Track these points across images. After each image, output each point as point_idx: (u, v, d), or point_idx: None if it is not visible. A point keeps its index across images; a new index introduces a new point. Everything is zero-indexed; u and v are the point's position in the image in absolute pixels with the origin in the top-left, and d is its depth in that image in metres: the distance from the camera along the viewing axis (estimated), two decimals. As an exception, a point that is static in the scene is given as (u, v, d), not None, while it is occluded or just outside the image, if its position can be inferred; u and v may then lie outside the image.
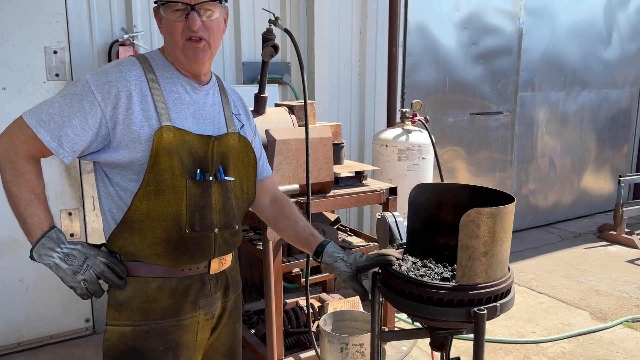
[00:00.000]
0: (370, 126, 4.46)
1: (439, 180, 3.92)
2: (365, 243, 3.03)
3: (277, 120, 2.90)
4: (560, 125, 5.92)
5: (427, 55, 4.73)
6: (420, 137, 3.73)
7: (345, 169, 3.02)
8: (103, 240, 1.59)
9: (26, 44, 3.06)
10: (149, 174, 1.45)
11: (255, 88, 3.75)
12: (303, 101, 3.12)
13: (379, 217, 2.21)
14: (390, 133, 3.77)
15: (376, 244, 3.01)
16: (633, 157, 6.61)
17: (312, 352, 2.87)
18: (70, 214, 3.33)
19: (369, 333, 2.35)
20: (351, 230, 3.28)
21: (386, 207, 2.93)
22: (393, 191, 2.94)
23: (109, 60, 3.29)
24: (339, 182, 2.96)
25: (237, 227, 1.62)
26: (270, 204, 1.85)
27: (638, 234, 5.50)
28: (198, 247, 1.53)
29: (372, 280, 1.80)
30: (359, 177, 3.04)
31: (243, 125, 1.68)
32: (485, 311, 1.49)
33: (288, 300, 3.46)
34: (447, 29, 4.80)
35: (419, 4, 4.57)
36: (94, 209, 3.37)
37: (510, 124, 5.47)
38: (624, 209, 5.29)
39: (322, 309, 3.18)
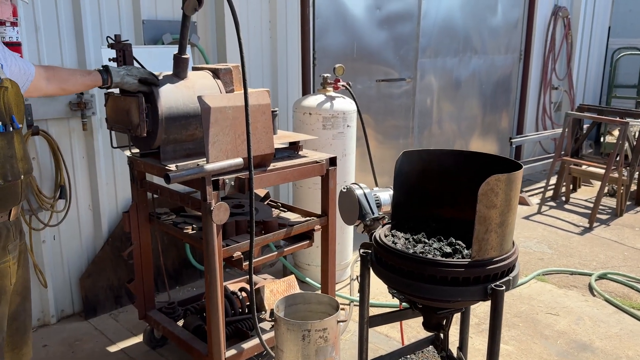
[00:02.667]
0: (284, 93, 4.20)
1: (363, 149, 3.80)
2: (304, 218, 2.82)
3: (202, 86, 2.53)
4: (454, 91, 6.12)
5: (335, 19, 4.54)
6: (344, 104, 3.56)
7: (280, 139, 2.76)
8: None
9: None
10: None
11: (160, 49, 3.32)
12: (226, 64, 2.79)
13: (344, 190, 2.01)
14: (313, 100, 3.54)
15: (315, 218, 2.81)
16: (514, 119, 7.09)
17: (255, 341, 2.62)
18: None
19: (332, 317, 2.17)
20: (283, 206, 3.04)
21: (326, 179, 2.73)
22: (332, 161, 2.75)
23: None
24: (275, 154, 2.69)
25: (33, 173, 1.78)
26: (48, 84, 2.01)
27: (527, 192, 5.93)
28: (10, 196, 1.67)
29: (362, 261, 1.61)
30: (294, 148, 2.79)
31: (1, 65, 1.74)
32: (503, 287, 1.38)
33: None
34: (354, -9, 4.64)
35: (326, -37, 4.34)
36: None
37: (412, 91, 5.52)
38: (514, 169, 5.63)
39: (257, 292, 2.93)
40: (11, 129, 1.64)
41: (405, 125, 5.54)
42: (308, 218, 2.81)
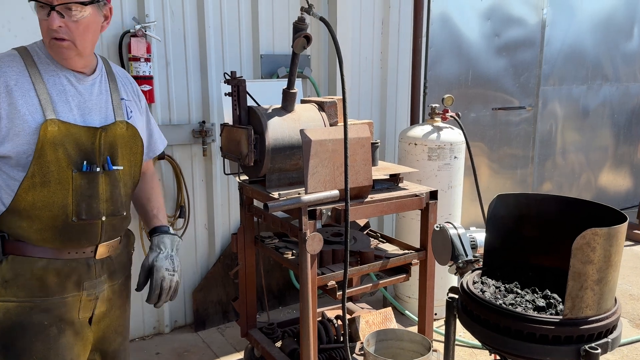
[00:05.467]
0: (392, 123, 4.22)
1: (471, 181, 3.68)
2: (401, 251, 2.79)
3: (307, 119, 2.64)
4: (581, 120, 5.70)
5: (449, 47, 4.48)
6: (452, 134, 3.48)
7: (380, 171, 2.78)
8: None
9: (29, 35, 2.77)
10: (34, 166, 1.53)
11: (274, 83, 3.51)
12: (331, 97, 2.88)
13: (438, 228, 1.97)
14: (420, 130, 3.52)
15: (413, 251, 2.77)
16: (653, 152, 6.42)
17: (347, 371, 2.63)
18: (77, 220, 3.07)
19: (422, 359, 2.12)
20: (383, 236, 3.04)
21: (426, 212, 2.69)
22: (433, 195, 2.70)
23: (120, 53, 3.02)
24: (374, 185, 2.71)
25: (124, 214, 1.72)
26: (142, 179, 1.93)
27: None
28: (85, 234, 1.63)
29: (447, 308, 1.57)
30: (394, 180, 2.79)
31: (132, 112, 1.74)
32: (599, 350, 1.26)
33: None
34: (471, 19, 4.55)
35: (442, -7, 4.32)
36: None
37: (532, 119, 5.24)
38: (650, 207, 5.09)
39: (352, 322, 2.94)
40: (97, 169, 1.59)
41: (524, 154, 5.27)
42: (406, 251, 2.78)
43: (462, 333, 3.26)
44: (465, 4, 4.49)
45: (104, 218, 1.63)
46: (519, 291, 1.49)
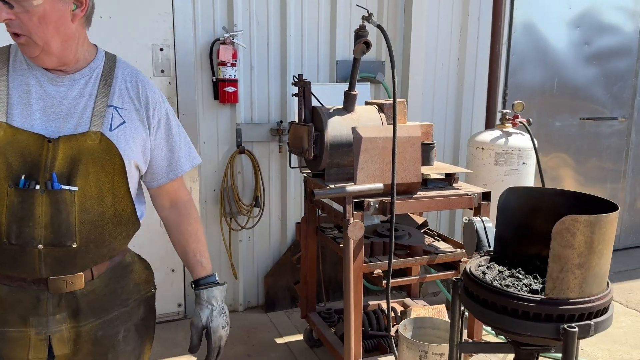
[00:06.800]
0: (467, 128, 4.28)
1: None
2: (452, 249, 2.90)
3: (366, 119, 2.86)
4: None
5: (533, 55, 4.44)
6: (521, 140, 3.50)
7: (435, 170, 2.91)
8: None
9: (133, 42, 3.28)
10: None
11: (343, 86, 3.76)
12: (398, 100, 3.06)
13: (466, 221, 2.10)
14: (488, 135, 3.57)
15: (463, 250, 2.86)
16: None
17: (391, 357, 2.79)
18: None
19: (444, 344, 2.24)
20: (439, 235, 3.15)
21: (477, 212, 2.78)
22: (486, 196, 2.78)
23: (210, 58, 3.44)
24: (427, 183, 2.85)
25: (73, 246, 1.35)
26: (169, 210, 1.65)
27: None
28: (18, 262, 1.34)
29: (453, 288, 1.71)
30: (449, 180, 2.91)
31: (123, 123, 1.42)
32: (576, 329, 1.35)
33: (371, 302, 3.41)
34: (557, 27, 4.48)
35: (526, 1, 4.31)
36: (189, 199, 3.54)
37: (626, 131, 4.98)
38: None
39: (404, 314, 3.09)
40: (37, 187, 1.29)
41: (614, 168, 5.02)
42: (456, 249, 2.88)
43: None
44: (552, 12, 4.43)
45: (39, 246, 1.32)
46: (520, 276, 1.59)
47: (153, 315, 1.65)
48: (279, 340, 3.48)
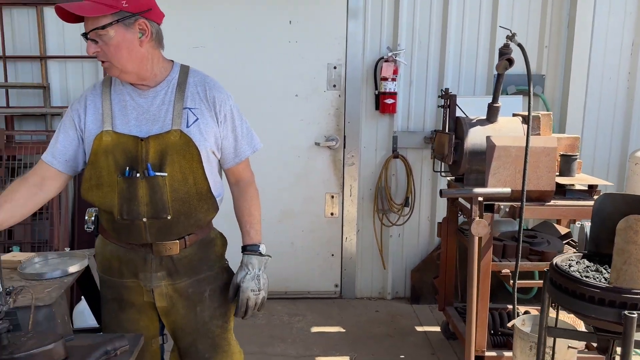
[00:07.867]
0: (636, 145, 4.10)
1: None
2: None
3: (507, 129, 3.08)
4: None
5: None
6: (686, 158, 3.32)
7: (576, 181, 3.00)
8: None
9: (316, 62, 3.97)
10: (90, 171, 1.78)
11: (505, 99, 3.97)
12: (543, 112, 3.22)
13: (579, 225, 2.26)
14: (649, 152, 3.45)
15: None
16: None
17: (515, 354, 2.97)
18: (332, 197, 4.12)
19: (562, 340, 2.40)
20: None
21: (615, 225, 2.81)
22: (626, 210, 2.80)
23: (374, 74, 3.96)
24: (566, 193, 2.96)
25: (168, 217, 1.76)
26: (234, 186, 2.00)
27: None
28: (130, 232, 1.78)
29: (544, 277, 1.94)
30: (590, 192, 2.97)
31: (197, 120, 1.78)
32: (636, 315, 1.52)
33: (509, 306, 3.56)
34: None
35: None
36: (350, 195, 4.10)
37: None
38: None
39: (527, 313, 3.20)
40: (137, 175, 1.72)
41: None
42: (592, 260, 2.93)
43: None
44: None
45: (144, 219, 1.75)
46: (603, 271, 1.76)
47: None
48: (419, 328, 3.83)
